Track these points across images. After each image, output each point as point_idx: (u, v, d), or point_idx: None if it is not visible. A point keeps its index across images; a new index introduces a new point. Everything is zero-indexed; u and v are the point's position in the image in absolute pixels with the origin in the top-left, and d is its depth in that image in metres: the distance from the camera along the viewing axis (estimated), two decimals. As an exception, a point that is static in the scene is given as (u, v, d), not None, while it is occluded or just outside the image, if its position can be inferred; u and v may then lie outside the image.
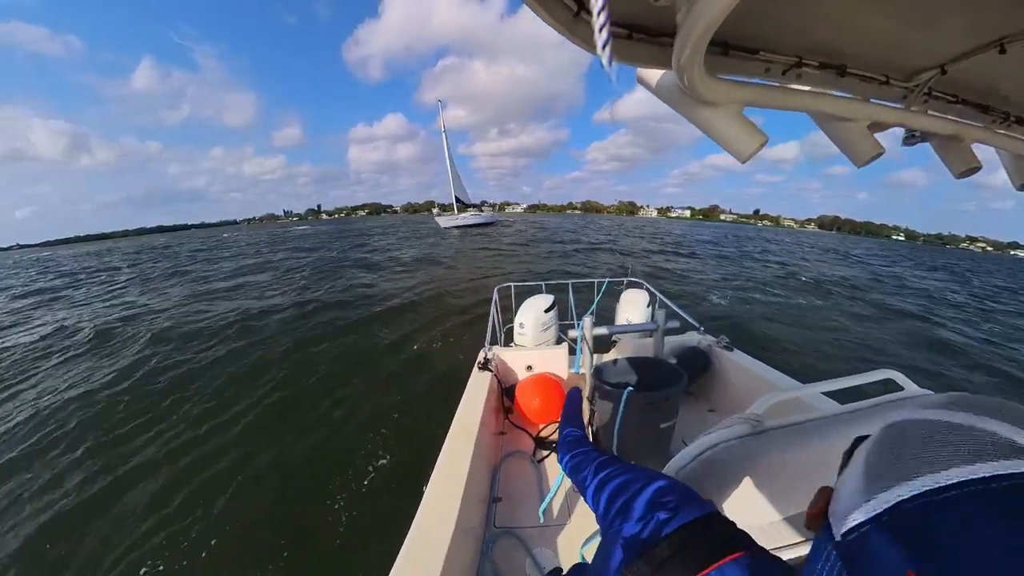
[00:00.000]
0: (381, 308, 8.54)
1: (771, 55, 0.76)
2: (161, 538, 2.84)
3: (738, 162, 0.74)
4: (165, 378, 5.45)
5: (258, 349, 6.34)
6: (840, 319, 9.11)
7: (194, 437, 4.02)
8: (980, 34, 0.72)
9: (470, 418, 1.95)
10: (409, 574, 1.12)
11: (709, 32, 0.51)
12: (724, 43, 0.71)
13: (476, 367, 2.56)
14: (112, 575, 2.60)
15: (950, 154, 0.96)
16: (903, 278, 18.92)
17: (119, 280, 16.57)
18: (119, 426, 4.32)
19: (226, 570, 2.61)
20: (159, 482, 3.42)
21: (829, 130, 0.90)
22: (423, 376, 5.17)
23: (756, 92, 0.72)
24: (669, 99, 0.77)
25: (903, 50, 0.80)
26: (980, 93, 0.95)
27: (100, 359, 6.49)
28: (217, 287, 12.54)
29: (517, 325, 3.21)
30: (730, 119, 0.73)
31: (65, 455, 3.90)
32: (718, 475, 0.79)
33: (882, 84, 0.86)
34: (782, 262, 20.64)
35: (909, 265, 27.67)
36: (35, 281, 19.16)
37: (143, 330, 7.74)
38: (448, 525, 1.28)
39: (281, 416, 4.38)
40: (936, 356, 7.09)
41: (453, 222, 40.00)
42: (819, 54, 0.79)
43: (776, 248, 32.02)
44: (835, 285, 14.03)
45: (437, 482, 1.50)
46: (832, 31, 0.73)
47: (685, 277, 13.64)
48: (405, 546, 1.20)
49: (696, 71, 0.62)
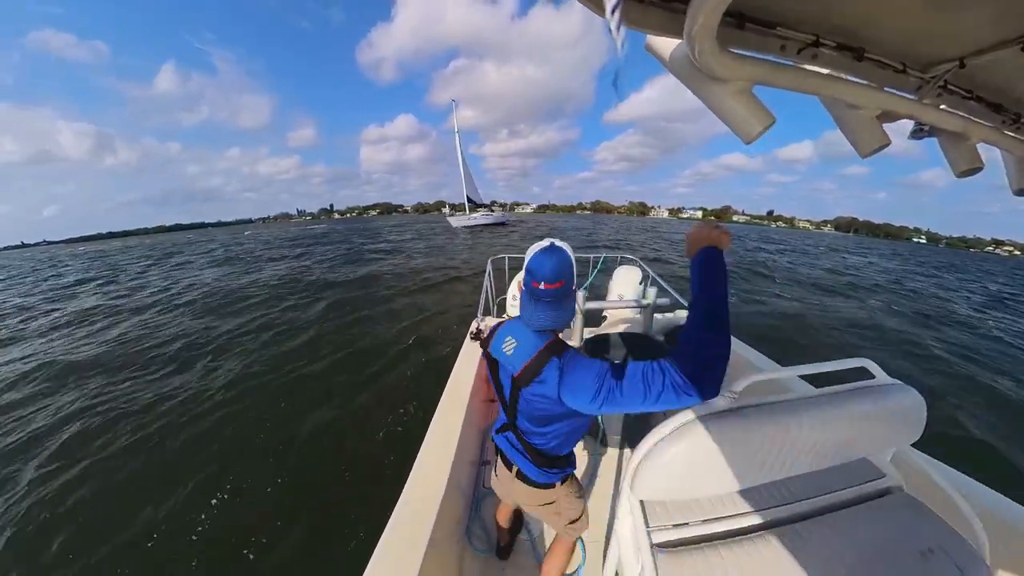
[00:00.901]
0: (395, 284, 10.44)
1: (789, 31, 0.73)
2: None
3: (749, 163, 0.73)
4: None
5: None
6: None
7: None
8: (1005, 28, 0.70)
9: (461, 385, 2.01)
10: (404, 528, 1.20)
11: (725, 0, 0.49)
12: (740, 14, 0.68)
13: (468, 336, 2.61)
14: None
15: (954, 151, 0.95)
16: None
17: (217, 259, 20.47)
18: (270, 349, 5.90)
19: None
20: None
21: (838, 116, 0.88)
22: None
23: (768, 70, 0.70)
24: (677, 71, 0.75)
25: (925, 38, 0.77)
26: (995, 91, 0.92)
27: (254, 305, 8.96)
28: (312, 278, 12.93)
29: (510, 296, 3.23)
30: (739, 96, 0.71)
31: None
32: (694, 445, 0.84)
33: (898, 72, 0.83)
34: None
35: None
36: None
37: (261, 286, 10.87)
38: (440, 484, 1.36)
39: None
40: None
41: (465, 222, 39.10)
42: (839, 34, 0.76)
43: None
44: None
45: (430, 445, 1.57)
46: (855, 9, 0.70)
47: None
48: (400, 502, 1.29)
49: (708, 42, 0.60)
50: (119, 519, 2.75)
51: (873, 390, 1.00)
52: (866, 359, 1.05)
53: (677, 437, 0.85)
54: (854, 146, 0.88)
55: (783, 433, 0.87)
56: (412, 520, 1.22)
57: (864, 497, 1.07)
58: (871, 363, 1.05)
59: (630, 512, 1.00)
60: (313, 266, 15.08)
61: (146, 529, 2.64)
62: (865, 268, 20.07)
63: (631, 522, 1.00)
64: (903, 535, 0.93)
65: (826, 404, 0.93)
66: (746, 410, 0.88)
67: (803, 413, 0.89)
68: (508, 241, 22.98)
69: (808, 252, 27.85)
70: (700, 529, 1.00)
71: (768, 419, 0.87)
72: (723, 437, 0.85)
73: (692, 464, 0.86)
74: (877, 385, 1.02)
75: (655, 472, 0.87)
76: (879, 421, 0.97)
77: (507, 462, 1.20)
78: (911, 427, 1.00)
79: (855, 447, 0.98)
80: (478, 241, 23.80)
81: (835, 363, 1.00)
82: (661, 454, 0.86)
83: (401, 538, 1.17)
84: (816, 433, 0.90)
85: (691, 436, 0.85)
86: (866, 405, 0.95)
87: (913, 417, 1.00)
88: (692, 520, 1.02)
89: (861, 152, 0.88)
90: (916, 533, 0.93)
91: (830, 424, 0.91)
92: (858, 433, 0.95)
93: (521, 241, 23.05)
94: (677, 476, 0.87)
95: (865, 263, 23.11)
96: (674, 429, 0.86)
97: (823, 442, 0.92)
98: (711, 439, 0.84)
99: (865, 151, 0.87)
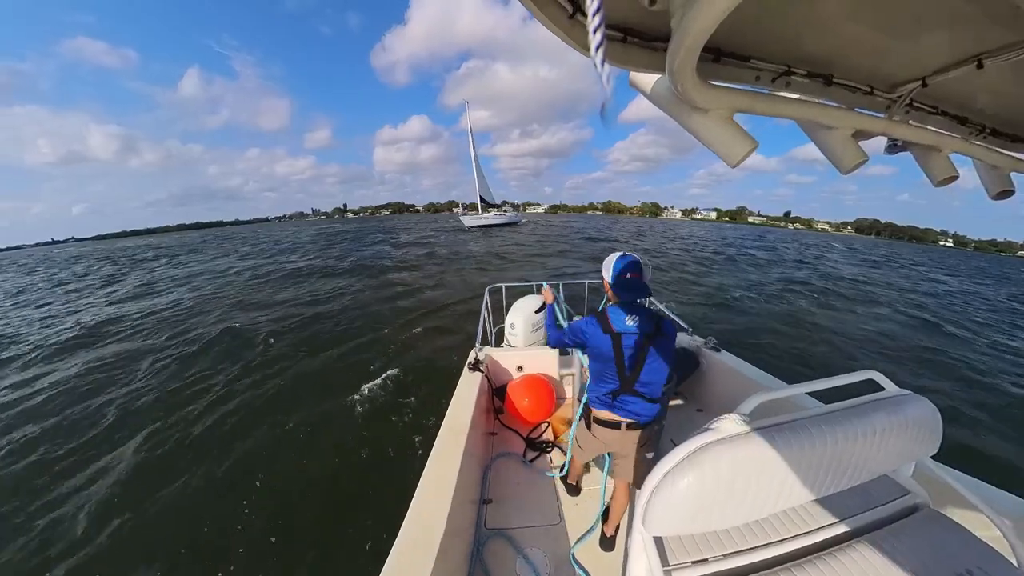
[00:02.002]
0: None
1: (762, 63, 0.78)
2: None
3: (766, 163, 0.76)
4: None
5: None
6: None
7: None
8: (960, 49, 0.75)
9: (460, 419, 1.94)
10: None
11: (703, 38, 0.52)
12: (717, 49, 0.72)
13: (467, 367, 2.55)
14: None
15: (929, 163, 0.99)
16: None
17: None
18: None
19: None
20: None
21: (815, 137, 0.92)
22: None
23: (746, 99, 0.74)
24: (661, 103, 0.78)
25: (887, 62, 0.83)
26: (958, 106, 0.98)
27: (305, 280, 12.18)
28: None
29: (508, 326, 3.21)
30: (721, 124, 0.74)
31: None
32: (706, 474, 0.80)
33: (866, 94, 0.88)
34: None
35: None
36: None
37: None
38: (438, 527, 1.27)
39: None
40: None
41: (477, 221, 39.63)
42: (808, 63, 0.81)
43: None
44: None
45: (427, 483, 1.48)
46: (821, 41, 0.75)
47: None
48: (394, 549, 1.19)
49: (689, 76, 0.63)
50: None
51: (885, 402, 0.98)
52: (873, 371, 1.03)
53: (687, 466, 0.81)
54: (835, 164, 0.91)
55: (798, 454, 0.84)
56: (407, 571, 1.13)
57: (891, 518, 1.02)
58: (879, 375, 1.04)
59: (644, 550, 0.94)
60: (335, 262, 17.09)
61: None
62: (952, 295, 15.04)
63: (645, 561, 0.93)
64: (938, 556, 0.89)
65: (840, 420, 0.90)
66: (757, 432, 0.85)
67: (817, 431, 0.87)
68: (518, 239, 23.04)
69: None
70: (722, 564, 0.94)
71: (781, 440, 0.84)
72: (736, 463, 0.81)
73: (705, 494, 0.81)
74: (888, 397, 1.01)
75: (667, 506, 0.82)
76: (896, 434, 0.94)
77: (614, 423, 1.52)
78: (929, 438, 0.98)
79: (874, 464, 0.95)
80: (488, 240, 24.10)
81: (843, 377, 0.99)
82: (672, 486, 0.81)
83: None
84: (833, 452, 0.87)
85: (702, 464, 0.81)
86: (880, 418, 0.93)
87: (929, 427, 0.97)
88: (712, 556, 0.96)
89: (842, 169, 0.91)
90: (951, 553, 0.89)
91: (847, 441, 0.88)
92: (876, 448, 0.92)
93: (531, 238, 23.43)
94: (690, 508, 0.82)
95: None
96: (683, 458, 0.82)
97: (841, 461, 0.88)
98: (723, 466, 0.80)
99: (846, 168, 0.91)
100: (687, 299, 10.01)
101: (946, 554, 0.89)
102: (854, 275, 17.24)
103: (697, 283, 12.55)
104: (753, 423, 0.87)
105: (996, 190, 1.10)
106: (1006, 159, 1.05)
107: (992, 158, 1.04)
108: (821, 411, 0.94)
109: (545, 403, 2.61)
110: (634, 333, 1.42)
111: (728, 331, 7.30)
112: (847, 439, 0.88)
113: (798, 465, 0.84)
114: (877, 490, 1.09)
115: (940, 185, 1.00)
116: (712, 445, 0.82)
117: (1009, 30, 0.68)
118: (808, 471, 0.85)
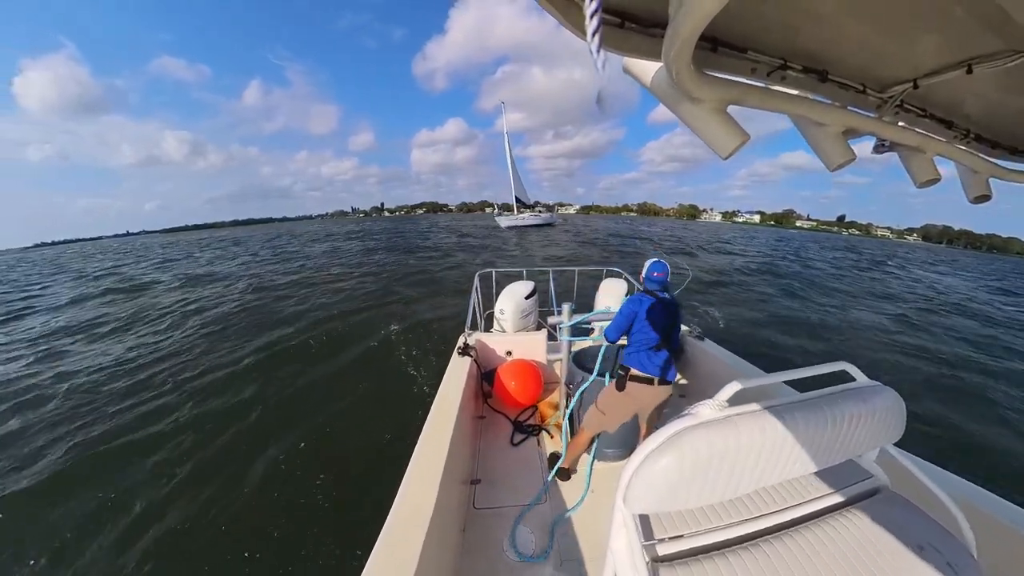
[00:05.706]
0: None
1: (758, 55, 0.77)
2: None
3: (814, 162, 0.77)
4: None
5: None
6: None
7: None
8: (952, 53, 0.76)
9: (449, 402, 1.97)
10: (390, 555, 1.15)
11: (700, 26, 0.52)
12: (714, 39, 0.72)
13: (456, 352, 2.56)
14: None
15: (913, 165, 1.01)
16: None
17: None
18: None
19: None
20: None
21: (806, 133, 0.93)
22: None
23: (741, 91, 0.74)
24: (655, 91, 0.78)
25: (881, 62, 0.83)
26: (946, 109, 1.00)
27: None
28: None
29: (497, 311, 3.22)
30: (714, 115, 0.75)
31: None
32: (684, 456, 0.84)
33: (859, 92, 0.89)
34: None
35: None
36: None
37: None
38: (428, 506, 1.31)
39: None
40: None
41: (513, 222, 38.97)
42: (804, 58, 0.81)
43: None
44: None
45: (416, 465, 1.52)
46: (818, 36, 0.75)
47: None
48: (386, 527, 1.23)
49: (684, 65, 0.63)
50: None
51: (855, 392, 1.02)
52: (846, 363, 1.08)
53: (667, 448, 0.85)
54: (823, 161, 0.93)
55: (772, 438, 0.88)
56: (397, 548, 1.17)
57: (855, 498, 1.09)
58: (851, 366, 1.09)
59: (624, 526, 0.98)
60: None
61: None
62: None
63: (625, 536, 0.98)
64: (896, 533, 0.95)
65: (812, 408, 0.95)
66: (734, 418, 0.89)
67: (790, 418, 0.91)
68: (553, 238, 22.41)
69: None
70: (698, 540, 0.99)
71: (756, 425, 0.88)
72: (713, 446, 0.85)
73: (684, 474, 0.85)
74: (858, 387, 1.06)
75: (647, 484, 0.86)
76: (863, 422, 1.00)
77: (648, 379, 1.86)
78: (893, 426, 1.04)
79: (842, 449, 1.00)
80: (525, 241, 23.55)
81: (816, 368, 1.03)
82: (652, 466, 0.85)
83: (386, 569, 1.12)
84: (804, 437, 0.91)
85: (681, 446, 0.84)
86: (850, 407, 0.98)
87: (894, 417, 1.03)
88: (689, 532, 1.01)
89: (829, 166, 0.93)
90: (908, 530, 0.95)
91: (817, 427, 0.93)
92: (844, 435, 0.98)
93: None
94: (669, 487, 0.86)
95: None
96: (664, 440, 0.86)
97: (812, 445, 0.93)
98: (701, 449, 0.84)
99: (833, 165, 0.92)
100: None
101: (904, 531, 0.95)
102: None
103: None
104: (731, 409, 0.91)
105: (975, 194, 1.14)
106: (986, 164, 1.08)
107: (973, 162, 1.07)
108: (795, 399, 0.98)
109: (533, 388, 2.65)
110: (666, 299, 1.98)
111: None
112: (818, 425, 0.93)
113: (771, 449, 0.89)
114: (844, 473, 1.16)
115: (922, 187, 1.03)
116: (691, 429, 0.86)
117: (999, 37, 0.69)
118: (781, 454, 0.90)
